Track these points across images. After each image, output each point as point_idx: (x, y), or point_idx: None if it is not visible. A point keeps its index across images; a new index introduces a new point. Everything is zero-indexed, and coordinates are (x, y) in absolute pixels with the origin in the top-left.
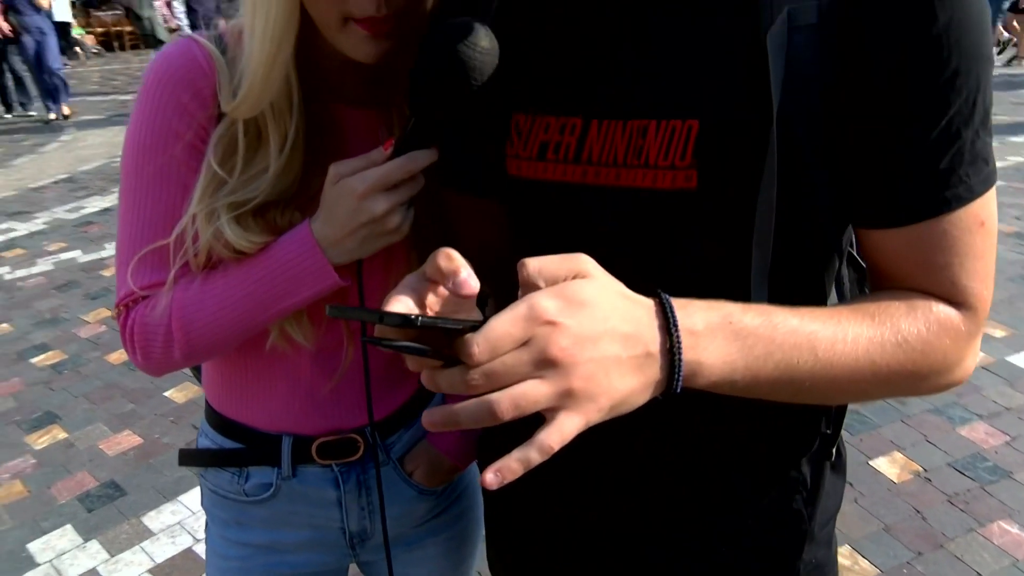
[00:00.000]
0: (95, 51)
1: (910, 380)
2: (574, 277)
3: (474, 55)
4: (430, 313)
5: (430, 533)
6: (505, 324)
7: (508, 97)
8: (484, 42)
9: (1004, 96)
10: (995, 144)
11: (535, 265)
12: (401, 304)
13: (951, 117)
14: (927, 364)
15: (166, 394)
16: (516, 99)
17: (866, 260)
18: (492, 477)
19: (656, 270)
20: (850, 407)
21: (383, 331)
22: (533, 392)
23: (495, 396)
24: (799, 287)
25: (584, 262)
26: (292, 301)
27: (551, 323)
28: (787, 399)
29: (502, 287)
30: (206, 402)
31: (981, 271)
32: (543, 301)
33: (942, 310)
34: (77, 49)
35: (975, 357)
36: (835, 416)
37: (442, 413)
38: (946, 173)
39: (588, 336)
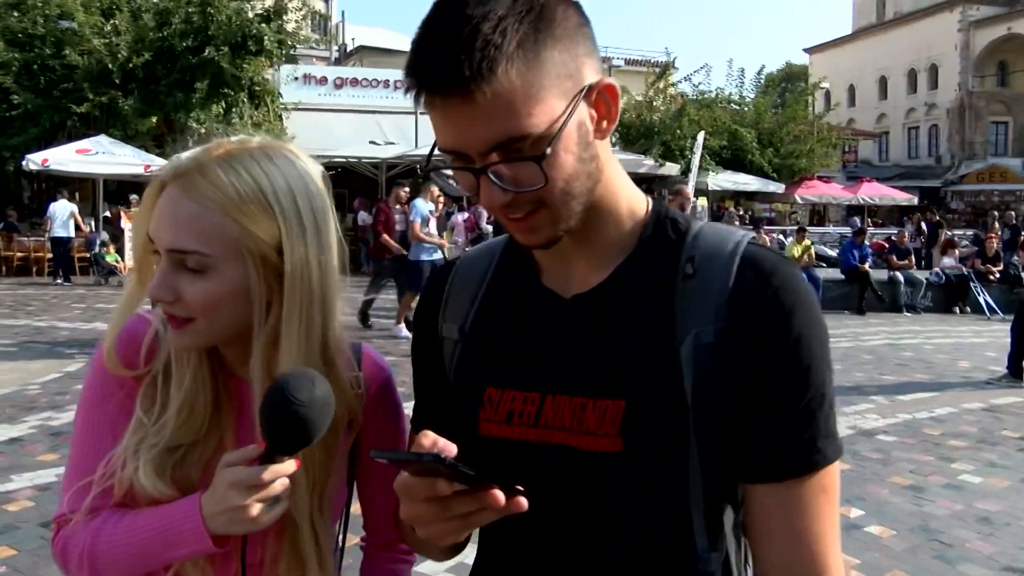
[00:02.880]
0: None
1: None
2: None
3: (306, 411)
4: None
5: None
6: None
7: (482, 375)
8: (317, 393)
9: (889, 356)
10: (885, 402)
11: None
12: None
13: (807, 402)
14: None
15: None
16: (488, 377)
17: (744, 514)
18: None
19: (592, 511)
20: None
21: (418, 469)
22: None
23: None
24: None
25: None
26: (176, 554)
27: None
28: None
29: None
30: None
31: (829, 533)
32: None
33: None
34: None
35: None
36: None
37: None
38: (808, 443)
39: None
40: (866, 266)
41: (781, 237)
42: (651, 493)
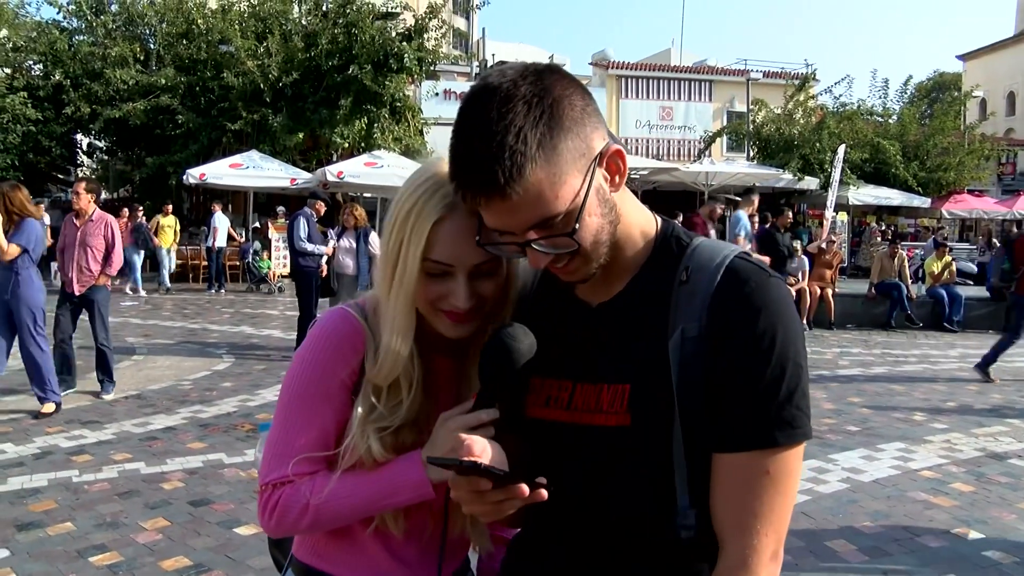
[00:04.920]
0: (278, 286)
1: None
2: None
3: (518, 352)
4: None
5: None
6: None
7: (529, 367)
8: (525, 342)
9: None
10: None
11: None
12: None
13: (763, 389)
14: None
15: None
16: (534, 368)
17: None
18: None
19: (607, 475)
20: None
21: (461, 470)
22: None
23: None
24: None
25: None
26: (394, 500)
27: None
28: None
29: None
30: (292, 558)
31: (764, 513)
32: None
33: None
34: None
35: None
36: None
37: None
38: (756, 425)
39: None
40: None
41: (922, 252)
42: (647, 459)
